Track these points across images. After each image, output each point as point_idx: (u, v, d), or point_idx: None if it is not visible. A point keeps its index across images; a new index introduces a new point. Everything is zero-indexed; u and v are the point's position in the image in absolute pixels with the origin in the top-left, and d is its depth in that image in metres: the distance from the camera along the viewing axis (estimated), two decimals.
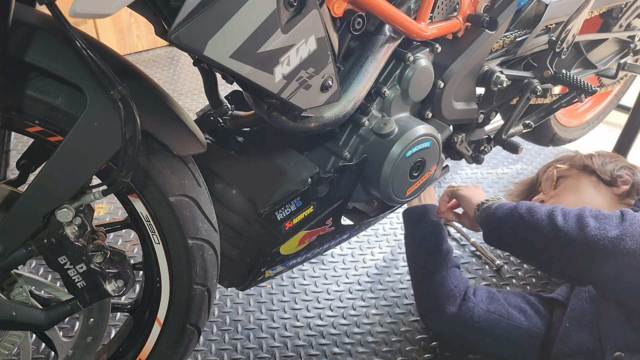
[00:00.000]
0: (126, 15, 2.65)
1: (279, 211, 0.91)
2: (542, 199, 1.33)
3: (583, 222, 0.90)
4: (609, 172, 1.26)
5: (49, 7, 0.57)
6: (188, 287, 0.84)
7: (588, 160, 1.30)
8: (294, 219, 0.93)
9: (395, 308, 1.32)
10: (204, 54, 0.63)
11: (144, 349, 0.89)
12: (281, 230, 0.93)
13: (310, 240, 1.02)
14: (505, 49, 1.13)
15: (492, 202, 1.12)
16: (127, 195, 0.77)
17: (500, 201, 1.11)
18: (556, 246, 0.94)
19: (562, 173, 1.34)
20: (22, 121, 0.69)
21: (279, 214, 0.91)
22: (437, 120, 1.06)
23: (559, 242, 0.93)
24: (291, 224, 0.94)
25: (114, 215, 1.57)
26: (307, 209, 0.94)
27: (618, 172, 1.25)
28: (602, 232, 0.87)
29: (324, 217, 0.98)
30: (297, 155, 1.01)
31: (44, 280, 0.83)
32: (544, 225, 0.95)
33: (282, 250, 0.98)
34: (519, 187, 1.50)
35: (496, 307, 1.08)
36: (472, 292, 1.11)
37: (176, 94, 2.37)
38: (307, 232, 0.98)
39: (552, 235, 0.94)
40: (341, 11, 0.80)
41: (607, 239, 0.86)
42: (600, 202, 1.20)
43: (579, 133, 1.85)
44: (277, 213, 0.91)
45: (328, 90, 0.80)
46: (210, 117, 1.09)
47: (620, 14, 1.41)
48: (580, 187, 1.26)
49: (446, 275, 1.12)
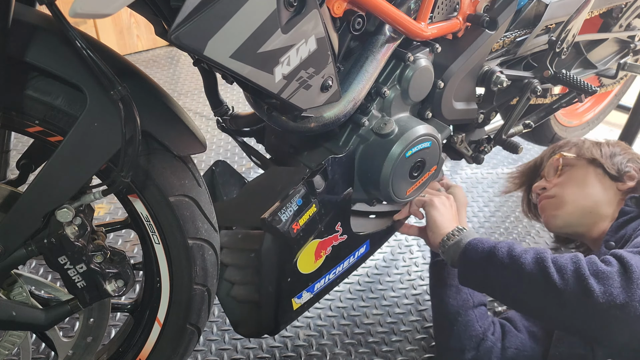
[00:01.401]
0: (126, 15, 2.65)
1: (281, 212, 0.89)
2: (545, 186, 1.27)
3: (586, 286, 0.81)
4: (616, 167, 1.21)
5: (49, 7, 0.57)
6: (188, 287, 0.84)
7: (597, 151, 1.24)
8: (300, 220, 0.91)
9: (395, 308, 1.32)
10: (204, 54, 0.63)
11: (144, 349, 0.89)
12: (290, 233, 0.90)
13: (326, 252, 1.00)
14: (505, 49, 1.13)
15: (460, 237, 0.99)
16: (127, 195, 0.77)
17: (469, 236, 0.98)
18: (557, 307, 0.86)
19: (568, 162, 1.27)
20: (22, 121, 0.69)
21: (282, 215, 0.89)
22: (437, 120, 1.06)
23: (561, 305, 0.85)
24: (298, 226, 0.91)
25: (114, 215, 1.57)
26: (310, 208, 0.92)
27: (626, 167, 1.21)
28: (610, 299, 0.80)
29: (330, 219, 0.97)
30: (284, 169, 1.00)
31: (44, 280, 0.83)
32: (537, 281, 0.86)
33: (300, 267, 0.96)
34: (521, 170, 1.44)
35: (510, 341, 1.05)
36: (491, 332, 1.06)
37: (176, 94, 2.37)
38: (319, 241, 0.97)
39: (551, 294, 0.85)
40: (341, 11, 0.80)
41: (617, 307, 0.80)
42: (603, 197, 1.17)
43: (579, 133, 1.85)
44: (280, 214, 0.89)
45: (328, 90, 0.80)
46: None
47: (620, 14, 1.41)
48: (585, 180, 1.21)
49: (472, 314, 1.07)
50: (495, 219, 1.71)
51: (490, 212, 1.73)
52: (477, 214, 1.72)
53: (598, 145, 1.27)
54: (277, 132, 1.08)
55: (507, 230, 1.65)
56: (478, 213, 1.72)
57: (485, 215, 1.71)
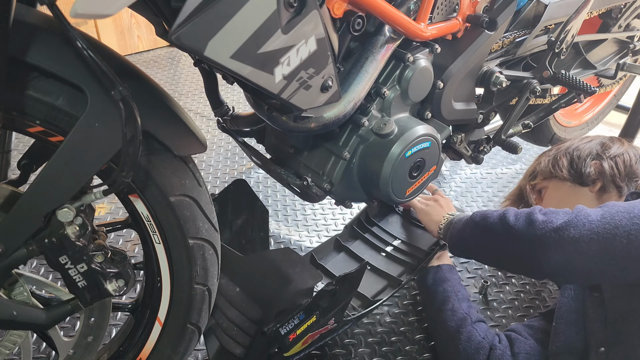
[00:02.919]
0: (127, 16, 2.65)
1: (282, 327, 0.96)
2: None
3: (531, 219, 0.93)
4: (578, 173, 1.22)
5: (49, 7, 0.57)
6: (189, 286, 0.84)
7: (554, 168, 1.26)
8: (298, 330, 0.98)
9: (395, 308, 1.33)
10: (204, 54, 0.63)
11: (144, 348, 0.90)
12: (285, 342, 0.97)
13: (314, 339, 1.06)
14: (505, 49, 1.14)
15: (450, 218, 1.18)
16: (127, 195, 0.78)
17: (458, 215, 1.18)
18: (509, 244, 0.97)
19: (539, 187, 1.32)
20: (23, 121, 0.69)
21: (282, 329, 0.96)
22: (437, 120, 1.06)
23: (512, 241, 0.96)
24: (295, 335, 0.98)
25: (114, 215, 1.57)
26: (310, 319, 0.99)
27: (586, 169, 1.21)
28: (549, 225, 0.90)
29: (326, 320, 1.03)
30: (302, 261, 1.04)
31: (45, 280, 0.83)
32: (497, 227, 0.99)
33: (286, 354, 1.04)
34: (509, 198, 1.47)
35: (519, 347, 1.05)
36: (497, 341, 1.07)
37: (177, 94, 2.37)
38: (310, 334, 1.03)
39: (505, 235, 0.97)
40: (341, 12, 0.80)
41: (552, 230, 0.89)
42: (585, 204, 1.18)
43: (578, 133, 1.85)
44: (281, 329, 0.96)
45: (328, 90, 0.80)
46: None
47: (619, 15, 1.41)
48: (560, 197, 1.25)
49: (472, 330, 1.08)
50: None
51: None
52: None
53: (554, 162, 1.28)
54: (277, 133, 1.08)
55: None
56: None
57: None
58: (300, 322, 0.98)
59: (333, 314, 1.03)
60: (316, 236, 1.56)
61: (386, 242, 1.37)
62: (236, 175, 1.82)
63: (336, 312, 1.04)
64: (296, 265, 1.01)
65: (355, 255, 1.33)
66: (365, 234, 1.40)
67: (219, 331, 1.05)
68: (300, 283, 0.98)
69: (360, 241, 1.39)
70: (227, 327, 1.03)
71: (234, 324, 1.02)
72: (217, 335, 1.06)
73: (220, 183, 1.77)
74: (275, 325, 0.95)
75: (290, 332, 0.97)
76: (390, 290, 1.23)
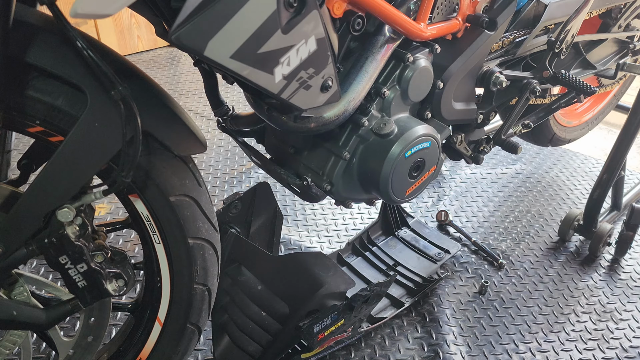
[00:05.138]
0: (127, 16, 2.65)
1: (317, 324, 0.99)
2: None
3: None
4: None
5: (49, 7, 0.57)
6: (188, 286, 0.84)
7: None
8: (327, 331, 1.02)
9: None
10: (204, 54, 0.63)
11: (144, 348, 0.90)
12: (314, 340, 1.01)
13: (330, 344, 1.10)
14: (505, 49, 1.14)
15: None
16: (127, 195, 0.78)
17: None
18: None
19: None
20: (23, 121, 0.69)
21: (316, 327, 0.99)
22: (437, 120, 1.06)
23: None
24: (323, 335, 1.02)
25: (114, 215, 1.57)
26: (339, 322, 1.03)
27: None
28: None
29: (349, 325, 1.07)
30: (335, 266, 1.07)
31: (45, 280, 0.83)
32: None
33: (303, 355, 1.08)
34: None
35: None
36: None
37: (177, 94, 2.37)
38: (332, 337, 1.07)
39: None
40: (341, 12, 0.80)
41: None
42: None
43: (578, 133, 1.85)
44: (315, 326, 0.99)
45: (328, 90, 0.80)
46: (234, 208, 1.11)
47: (619, 15, 1.41)
48: None
49: None
50: (494, 218, 1.71)
51: (489, 212, 1.74)
52: (476, 214, 1.72)
53: None
54: (277, 132, 1.08)
55: (506, 230, 1.65)
56: (477, 213, 1.72)
57: (485, 215, 1.72)
58: (331, 322, 1.01)
59: (357, 320, 1.06)
60: (315, 237, 1.56)
61: (387, 263, 1.42)
62: (236, 175, 1.83)
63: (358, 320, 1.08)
64: (329, 269, 1.05)
65: (356, 271, 1.38)
66: (366, 252, 1.45)
67: (232, 327, 1.05)
68: (333, 286, 1.01)
69: (361, 258, 1.44)
70: (242, 323, 1.03)
71: (253, 320, 1.03)
72: (228, 331, 1.06)
73: (220, 183, 1.78)
74: (311, 321, 0.98)
75: (320, 332, 1.01)
76: (393, 309, 1.29)
